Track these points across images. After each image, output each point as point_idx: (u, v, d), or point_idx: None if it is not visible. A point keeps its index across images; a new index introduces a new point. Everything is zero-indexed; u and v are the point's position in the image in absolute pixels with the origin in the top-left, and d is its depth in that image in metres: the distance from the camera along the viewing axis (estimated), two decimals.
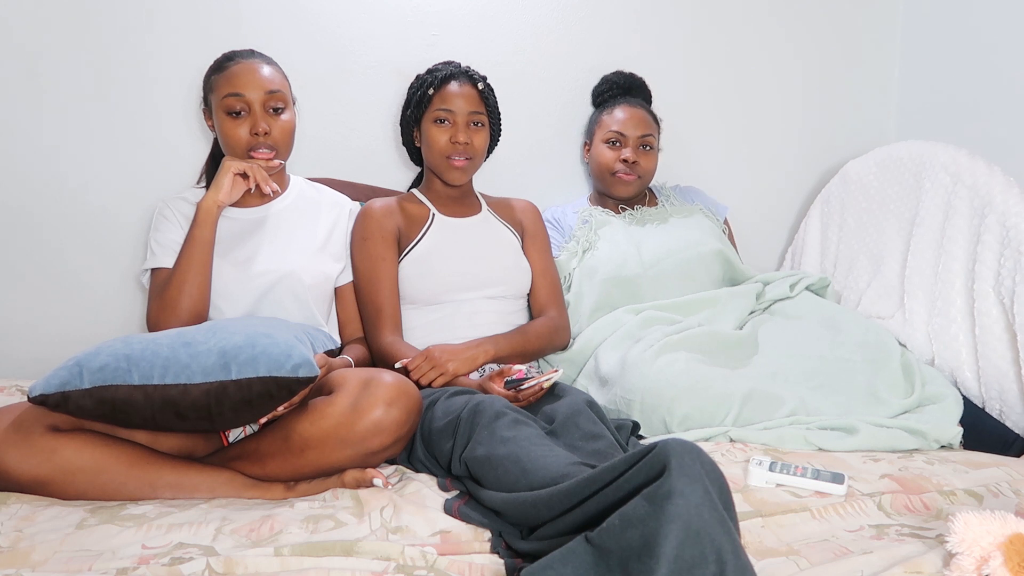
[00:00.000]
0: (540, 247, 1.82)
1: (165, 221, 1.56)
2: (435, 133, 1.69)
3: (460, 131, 1.67)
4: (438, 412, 1.35)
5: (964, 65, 2.11)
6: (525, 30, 2.07)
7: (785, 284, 1.88)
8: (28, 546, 1.02)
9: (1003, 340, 1.56)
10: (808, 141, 2.34)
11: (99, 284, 1.87)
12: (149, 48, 1.83)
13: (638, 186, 1.96)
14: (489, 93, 1.73)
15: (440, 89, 1.69)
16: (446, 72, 1.70)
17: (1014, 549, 0.89)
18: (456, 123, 1.67)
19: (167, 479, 1.21)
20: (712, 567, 0.82)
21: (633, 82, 2.05)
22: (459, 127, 1.67)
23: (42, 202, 1.82)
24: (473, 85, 1.70)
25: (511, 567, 0.99)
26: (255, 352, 1.17)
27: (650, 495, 0.85)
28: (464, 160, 1.68)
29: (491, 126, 1.75)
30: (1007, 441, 1.49)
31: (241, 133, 1.52)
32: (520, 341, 1.64)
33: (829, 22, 2.30)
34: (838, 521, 1.13)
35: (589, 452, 1.20)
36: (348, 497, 1.19)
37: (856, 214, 2.02)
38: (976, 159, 1.72)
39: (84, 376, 1.13)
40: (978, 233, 1.64)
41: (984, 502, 1.18)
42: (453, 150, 1.68)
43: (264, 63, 1.56)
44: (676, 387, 1.48)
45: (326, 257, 1.64)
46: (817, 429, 1.44)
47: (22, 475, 1.16)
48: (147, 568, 0.95)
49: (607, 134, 1.96)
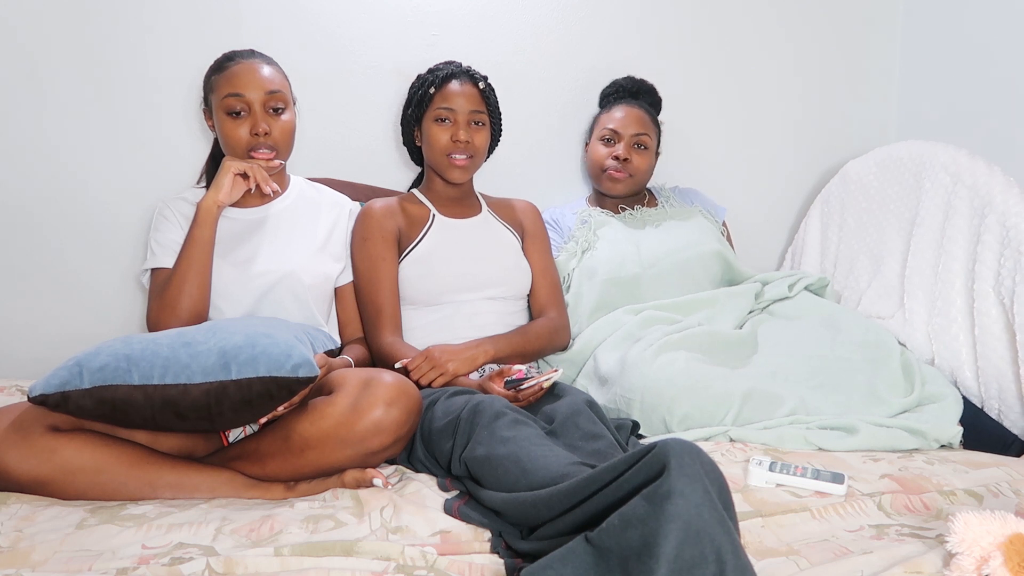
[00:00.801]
0: (540, 248, 1.82)
1: (165, 221, 1.57)
2: (436, 132, 1.69)
3: (461, 129, 1.67)
4: (438, 412, 1.35)
5: (964, 65, 2.11)
6: (525, 30, 2.07)
7: (784, 284, 1.88)
8: (28, 546, 1.02)
9: (1003, 340, 1.56)
10: (808, 141, 2.34)
11: (99, 284, 1.87)
12: (149, 48, 1.83)
13: (629, 185, 1.96)
14: (490, 93, 1.74)
15: (441, 88, 1.69)
16: (447, 71, 1.71)
17: (1014, 549, 0.89)
18: (457, 122, 1.67)
19: (167, 479, 1.21)
20: (712, 567, 0.82)
21: (642, 87, 2.05)
22: (460, 126, 1.67)
23: (43, 202, 1.82)
24: (474, 84, 1.70)
25: (511, 567, 0.99)
26: (255, 352, 1.17)
27: (650, 495, 0.85)
28: (465, 159, 1.69)
29: (492, 126, 1.75)
30: (1006, 442, 1.49)
31: (241, 133, 1.52)
32: (520, 341, 1.64)
33: (829, 22, 2.30)
34: (838, 521, 1.13)
35: (589, 452, 1.20)
36: (348, 497, 1.19)
37: (856, 214, 2.02)
38: (976, 159, 1.72)
39: (84, 376, 1.13)
40: (978, 233, 1.64)
41: (984, 502, 1.18)
42: (454, 148, 1.68)
43: (264, 63, 1.56)
44: (676, 386, 1.48)
45: (326, 257, 1.64)
46: (817, 429, 1.44)
47: (22, 475, 1.16)
48: (147, 568, 0.95)
49: (602, 131, 1.97)
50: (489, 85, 1.74)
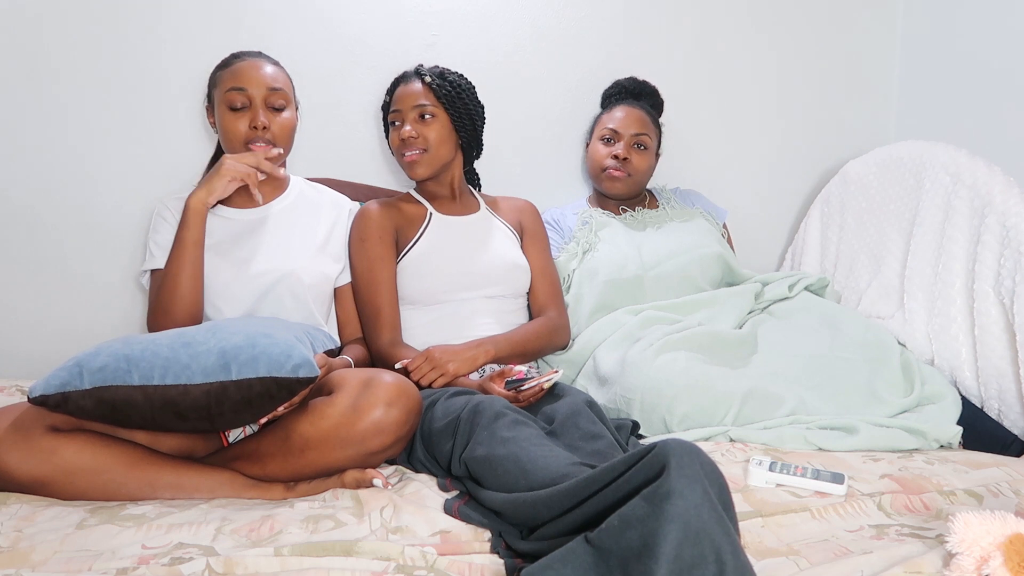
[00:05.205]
0: (539, 247, 1.82)
1: (163, 222, 1.57)
2: (391, 135, 1.71)
3: (406, 125, 1.66)
4: (438, 412, 1.35)
5: (964, 65, 2.11)
6: (525, 30, 2.07)
7: (784, 284, 1.88)
8: (28, 546, 1.02)
9: (1002, 340, 1.56)
10: (808, 141, 2.34)
11: (100, 284, 1.87)
12: (151, 48, 1.83)
13: (628, 185, 1.96)
14: (441, 85, 1.67)
15: (393, 93, 1.72)
16: (398, 77, 1.73)
17: (1014, 549, 0.89)
18: (404, 119, 1.67)
19: (167, 479, 1.21)
20: (712, 567, 0.82)
21: (644, 88, 2.05)
22: (407, 122, 1.67)
23: (46, 201, 1.83)
24: (420, 79, 1.69)
25: (511, 567, 0.99)
26: (255, 352, 1.17)
27: (649, 495, 0.85)
28: (416, 153, 1.67)
29: (459, 118, 1.69)
30: (1005, 442, 1.49)
31: (240, 126, 1.52)
32: (520, 341, 1.64)
33: (829, 22, 2.30)
34: (838, 521, 1.13)
35: (589, 452, 1.20)
36: (348, 497, 1.19)
37: (856, 214, 2.02)
38: (976, 159, 1.72)
39: (84, 376, 1.13)
40: (978, 233, 1.64)
41: (984, 502, 1.18)
42: (403, 147, 1.68)
43: (269, 63, 1.58)
44: (676, 386, 1.48)
45: (326, 257, 1.64)
46: (817, 429, 1.44)
47: (22, 475, 1.16)
48: (147, 568, 0.95)
49: (602, 131, 1.97)
50: (441, 79, 1.68)
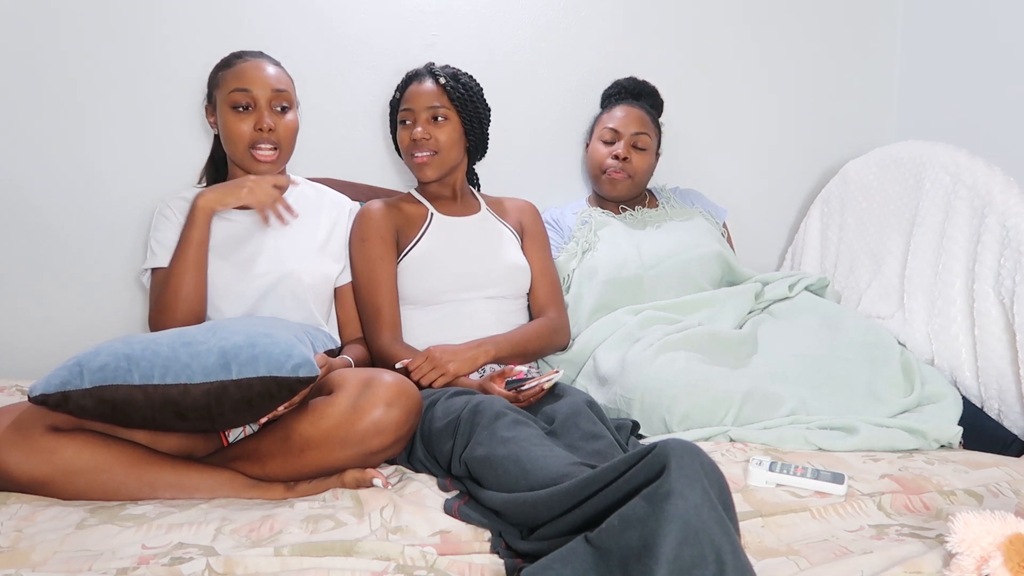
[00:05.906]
0: (540, 247, 1.82)
1: (165, 221, 1.57)
2: (401, 134, 1.71)
3: (419, 125, 1.66)
4: (438, 412, 1.35)
5: (964, 65, 2.11)
6: (525, 30, 2.07)
7: (784, 284, 1.88)
8: (28, 546, 1.02)
9: (1002, 340, 1.56)
10: (808, 141, 2.34)
11: (101, 283, 1.87)
12: (151, 48, 1.83)
13: (628, 186, 1.96)
14: (455, 87, 1.68)
15: (404, 91, 1.71)
16: (410, 74, 1.72)
17: (1014, 549, 0.89)
18: (416, 120, 1.67)
19: (167, 479, 1.21)
20: (711, 567, 0.82)
21: (644, 88, 2.05)
22: (418, 123, 1.66)
23: (44, 201, 1.82)
24: (434, 80, 1.68)
25: (511, 567, 0.99)
26: (255, 352, 1.17)
27: (649, 495, 0.85)
28: (427, 155, 1.67)
29: (469, 121, 1.70)
30: (1005, 442, 1.49)
31: (244, 128, 1.52)
32: (520, 341, 1.64)
33: (829, 22, 2.30)
34: (838, 521, 1.13)
35: (589, 452, 1.20)
36: (348, 497, 1.19)
37: (856, 214, 2.02)
38: (976, 159, 1.72)
39: (84, 376, 1.13)
40: (978, 233, 1.64)
41: (984, 502, 1.18)
42: (414, 147, 1.67)
43: (272, 64, 1.58)
44: (676, 386, 1.48)
45: (326, 257, 1.64)
46: (817, 429, 1.44)
47: (22, 475, 1.16)
48: (147, 568, 0.95)
49: (602, 131, 1.97)
50: (455, 80, 1.68)
